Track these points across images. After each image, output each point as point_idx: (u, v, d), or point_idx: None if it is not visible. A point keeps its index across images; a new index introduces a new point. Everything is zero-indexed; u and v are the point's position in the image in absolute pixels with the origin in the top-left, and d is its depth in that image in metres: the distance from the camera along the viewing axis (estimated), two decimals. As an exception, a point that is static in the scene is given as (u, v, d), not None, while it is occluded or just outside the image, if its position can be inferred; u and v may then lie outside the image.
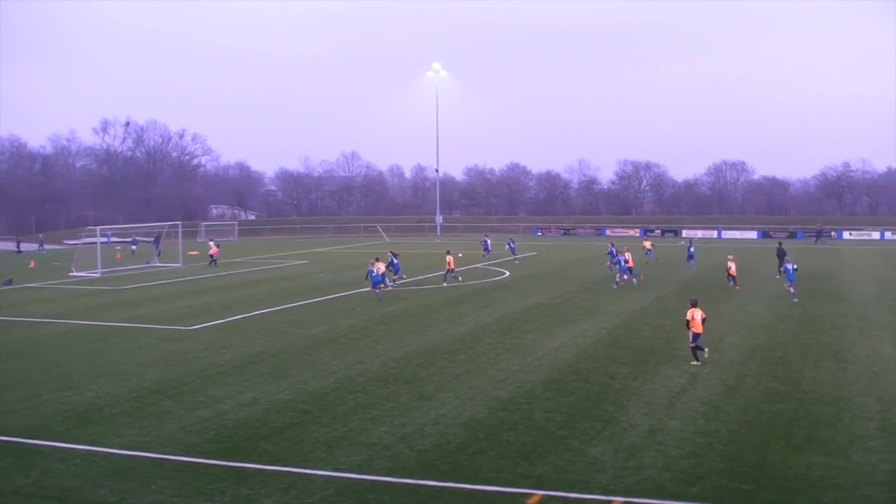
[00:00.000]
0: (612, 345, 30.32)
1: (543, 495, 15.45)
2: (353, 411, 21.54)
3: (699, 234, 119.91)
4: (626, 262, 51.07)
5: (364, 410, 21.60)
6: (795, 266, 44.43)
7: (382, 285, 46.48)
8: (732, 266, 48.38)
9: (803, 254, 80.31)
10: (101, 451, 18.43)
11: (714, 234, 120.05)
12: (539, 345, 30.58)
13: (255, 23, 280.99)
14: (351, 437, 19.20)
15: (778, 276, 50.74)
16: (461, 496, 15.54)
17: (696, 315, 27.28)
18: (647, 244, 72.17)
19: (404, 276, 50.87)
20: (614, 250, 55.43)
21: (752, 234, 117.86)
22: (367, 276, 46.13)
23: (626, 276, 50.43)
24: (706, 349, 27.65)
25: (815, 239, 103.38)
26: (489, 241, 77.61)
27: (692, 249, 64.11)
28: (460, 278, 52.78)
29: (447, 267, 52.73)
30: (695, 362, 26.92)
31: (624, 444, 18.44)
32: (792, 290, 43.11)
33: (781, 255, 51.99)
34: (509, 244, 76.04)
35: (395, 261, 51.57)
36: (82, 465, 17.59)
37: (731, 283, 48.00)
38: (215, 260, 69.29)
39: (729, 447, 18.14)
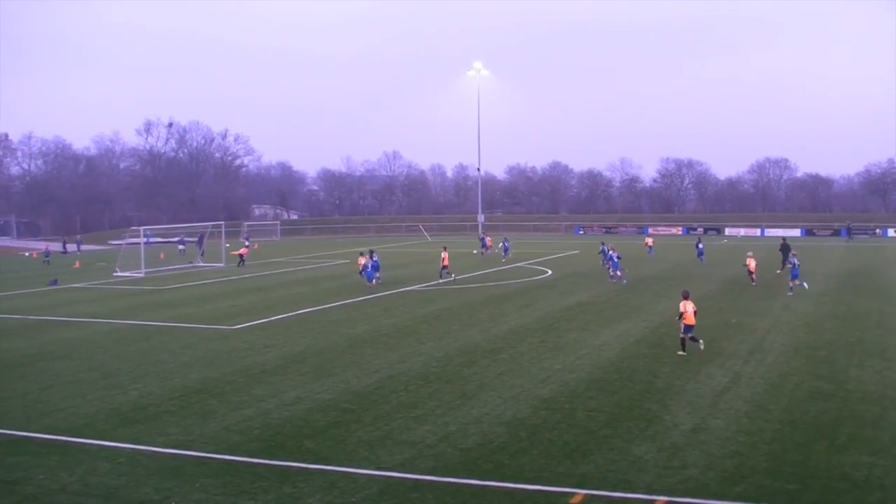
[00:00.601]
0: (655, 343, 30.16)
1: (586, 494, 15.39)
2: (396, 410, 21.58)
3: (742, 231, 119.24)
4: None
5: (406, 409, 21.63)
6: (798, 262, 45.82)
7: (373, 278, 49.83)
8: (752, 263, 49.19)
9: (846, 252, 79.65)
10: (146, 450, 18.57)
11: (757, 232, 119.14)
12: (581, 344, 30.49)
13: (297, 23, 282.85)
14: (394, 436, 19.23)
15: (779, 271, 52.36)
16: (503, 495, 15.51)
17: (688, 307, 28.06)
18: (649, 241, 75.97)
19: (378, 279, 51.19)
20: (606, 248, 56.76)
21: (796, 232, 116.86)
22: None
23: (619, 273, 51.58)
24: (701, 340, 28.21)
25: (848, 236, 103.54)
26: (487, 239, 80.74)
27: (701, 246, 66.33)
28: (454, 275, 54.00)
29: (442, 263, 54.92)
30: (681, 352, 27.80)
31: (667, 443, 18.35)
32: (798, 282, 44.67)
33: (786, 250, 53.32)
34: (503, 243, 76.65)
35: (375, 259, 52.54)
36: (127, 463, 17.73)
37: (751, 278, 48.89)
38: (243, 259, 70.02)
39: (773, 446, 17.99)
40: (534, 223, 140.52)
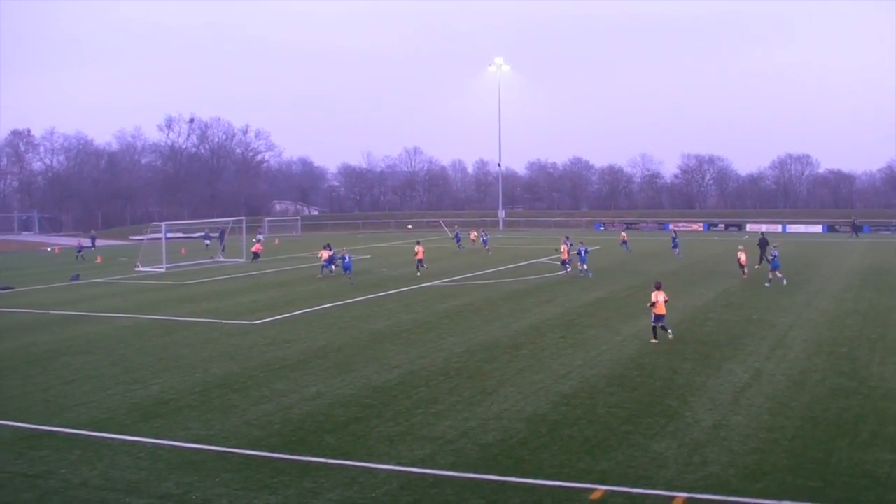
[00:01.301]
0: (675, 339, 29.97)
1: (606, 490, 15.37)
2: (417, 406, 21.61)
3: (764, 227, 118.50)
4: (566, 255, 54.62)
5: (427, 405, 21.65)
6: (776, 254, 47.45)
7: (329, 270, 55.56)
8: (742, 256, 50.48)
9: (868, 248, 79.14)
10: (167, 445, 18.67)
11: (779, 228, 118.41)
12: (602, 340, 30.44)
13: (318, 19, 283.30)
14: (414, 432, 19.26)
15: (758, 266, 53.69)
16: (524, 491, 15.51)
17: (659, 297, 29.37)
18: (624, 235, 79.53)
19: (333, 270, 54.86)
20: (570, 243, 58.46)
21: (818, 229, 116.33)
22: (340, 262, 54.19)
23: (583, 266, 53.03)
24: (670, 330, 29.66)
25: (853, 233, 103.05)
26: (460, 234, 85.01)
27: (676, 240, 69.99)
28: (419, 273, 55.35)
29: (416, 257, 56.88)
30: (654, 340, 29.31)
31: (687, 439, 18.30)
32: (780, 274, 46.31)
33: (763, 244, 54.85)
34: (482, 236, 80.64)
35: (334, 254, 55.92)
36: (148, 457, 17.82)
37: (742, 271, 50.39)
38: (258, 256, 70.54)
39: (794, 443, 17.92)
40: (554, 219, 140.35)
